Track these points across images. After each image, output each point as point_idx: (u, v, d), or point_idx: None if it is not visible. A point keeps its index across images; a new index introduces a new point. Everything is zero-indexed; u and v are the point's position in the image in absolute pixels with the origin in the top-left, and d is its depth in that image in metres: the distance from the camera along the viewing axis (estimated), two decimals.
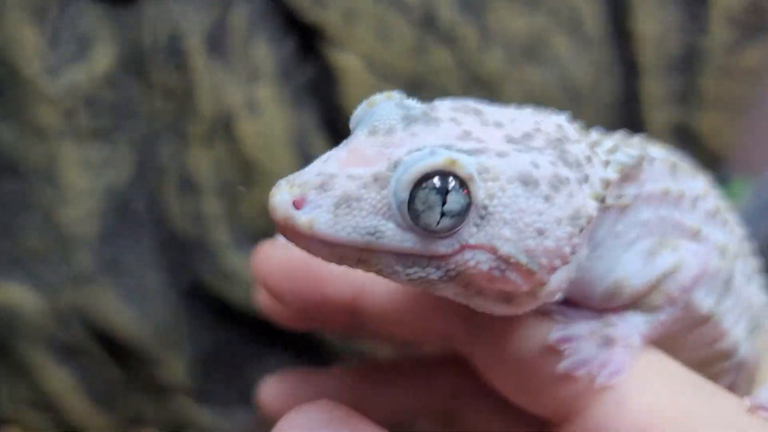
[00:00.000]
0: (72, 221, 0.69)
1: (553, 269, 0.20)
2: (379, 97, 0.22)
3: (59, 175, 0.68)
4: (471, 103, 0.23)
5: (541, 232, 0.19)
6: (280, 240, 0.28)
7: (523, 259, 0.19)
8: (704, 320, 0.27)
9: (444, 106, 0.23)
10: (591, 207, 0.20)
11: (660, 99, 0.76)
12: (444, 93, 0.71)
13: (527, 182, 0.19)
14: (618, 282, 0.23)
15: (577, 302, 0.24)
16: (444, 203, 0.18)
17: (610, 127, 0.78)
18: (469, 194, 0.19)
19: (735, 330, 0.29)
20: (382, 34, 0.69)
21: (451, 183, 0.18)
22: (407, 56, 0.69)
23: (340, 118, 0.32)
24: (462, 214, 0.19)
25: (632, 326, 0.23)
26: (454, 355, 0.28)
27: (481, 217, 0.19)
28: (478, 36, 0.70)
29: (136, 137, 0.70)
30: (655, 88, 0.75)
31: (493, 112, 0.23)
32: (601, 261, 0.23)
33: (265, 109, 0.69)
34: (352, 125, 0.22)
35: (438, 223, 0.19)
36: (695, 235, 0.26)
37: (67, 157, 0.67)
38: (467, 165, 0.19)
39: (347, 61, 0.69)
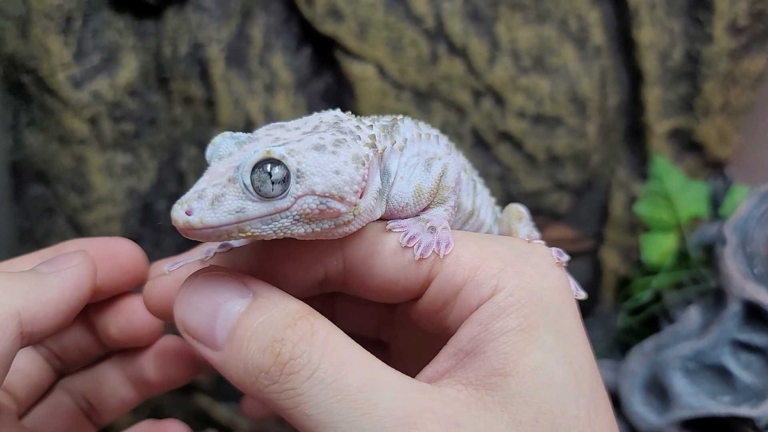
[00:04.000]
0: (96, 224, 0.71)
1: (356, 193, 0.31)
2: (217, 138, 0.32)
3: (84, 180, 0.70)
4: (278, 123, 0.34)
5: (337, 172, 0.30)
6: (159, 275, 0.37)
7: (333, 191, 0.30)
8: (471, 214, 0.42)
9: (260, 130, 0.34)
10: (366, 150, 0.32)
11: (664, 106, 0.77)
12: (454, 101, 0.74)
13: (318, 148, 0.30)
14: (417, 188, 0.35)
15: (401, 216, 0.36)
16: (271, 177, 0.29)
17: (616, 133, 0.79)
18: (285, 167, 0.29)
19: (487, 219, 0.44)
20: (394, 45, 0.70)
21: (270, 164, 0.29)
22: (419, 65, 0.71)
23: None
24: (286, 180, 0.29)
25: (439, 216, 0.35)
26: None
27: (299, 177, 0.30)
28: (488, 46, 0.72)
29: (157, 144, 0.72)
30: (660, 95, 0.77)
31: (293, 122, 0.34)
32: (402, 180, 0.36)
33: (282, 117, 0.71)
34: (208, 159, 0.32)
35: (273, 190, 0.29)
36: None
37: (92, 164, 0.70)
38: (277, 151, 0.29)
39: (361, 70, 0.71)
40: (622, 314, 0.73)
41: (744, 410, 0.57)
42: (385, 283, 0.33)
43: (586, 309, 0.81)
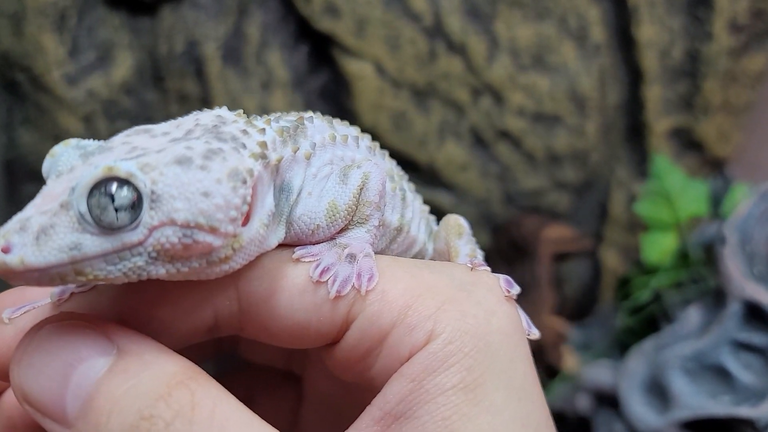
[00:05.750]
0: None
1: (234, 221, 0.24)
2: (58, 148, 0.25)
3: None
4: (142, 127, 0.27)
5: (206, 194, 0.23)
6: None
7: (201, 220, 0.23)
8: (399, 231, 0.34)
9: (118, 136, 0.26)
10: (249, 163, 0.25)
11: (664, 104, 0.77)
12: (453, 99, 0.73)
13: (182, 162, 0.23)
14: (331, 205, 0.29)
15: (312, 241, 0.29)
16: (114, 202, 0.22)
17: (616, 132, 0.79)
18: (135, 188, 0.22)
19: (420, 235, 0.37)
20: (392, 42, 0.70)
21: (114, 185, 0.22)
22: (417, 63, 0.71)
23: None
24: (136, 206, 0.22)
25: (360, 239, 0.29)
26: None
27: (154, 201, 0.23)
28: (486, 44, 0.72)
29: None
30: (659, 93, 0.77)
31: (161, 126, 0.27)
32: (310, 197, 0.29)
33: None
34: (45, 176, 0.25)
35: (118, 219, 0.22)
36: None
37: None
38: (123, 166, 0.22)
39: (359, 68, 0.70)
40: (621, 314, 0.72)
41: (744, 411, 0.57)
42: (291, 326, 0.27)
43: (585, 308, 0.81)
